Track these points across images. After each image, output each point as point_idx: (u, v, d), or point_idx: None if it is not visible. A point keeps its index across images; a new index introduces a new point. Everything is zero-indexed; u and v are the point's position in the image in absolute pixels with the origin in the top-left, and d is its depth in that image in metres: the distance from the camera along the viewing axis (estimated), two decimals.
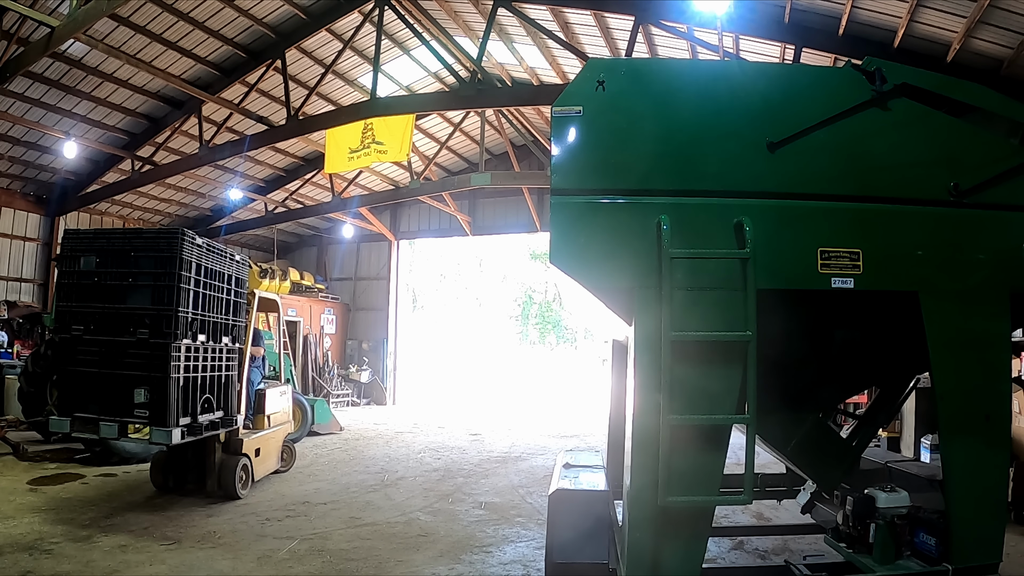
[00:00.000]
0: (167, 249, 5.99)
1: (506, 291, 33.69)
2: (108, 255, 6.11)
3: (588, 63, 3.20)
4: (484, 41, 9.95)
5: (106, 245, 6.16)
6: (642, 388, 2.91)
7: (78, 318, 6.03)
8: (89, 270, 6.11)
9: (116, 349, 5.91)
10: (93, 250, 6.14)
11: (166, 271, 5.95)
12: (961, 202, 3.13)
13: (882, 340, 3.64)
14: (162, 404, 5.79)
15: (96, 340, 5.97)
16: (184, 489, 6.93)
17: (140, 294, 6.02)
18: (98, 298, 6.03)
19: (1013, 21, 7.05)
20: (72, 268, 6.17)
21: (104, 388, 5.91)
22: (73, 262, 6.17)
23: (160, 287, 5.96)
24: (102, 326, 5.98)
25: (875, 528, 3.20)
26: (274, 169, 16.51)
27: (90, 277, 6.09)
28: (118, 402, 5.87)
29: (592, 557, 3.25)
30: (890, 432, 8.72)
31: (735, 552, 5.29)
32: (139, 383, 5.84)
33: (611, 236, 2.98)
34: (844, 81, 3.19)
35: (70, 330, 6.01)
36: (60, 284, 6.23)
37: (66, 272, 6.24)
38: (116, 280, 6.07)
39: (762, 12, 8.82)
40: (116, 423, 5.88)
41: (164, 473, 6.94)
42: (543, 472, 8.72)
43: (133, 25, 10.29)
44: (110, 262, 6.09)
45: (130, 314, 5.95)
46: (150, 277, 6.01)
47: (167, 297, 5.92)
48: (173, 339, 5.84)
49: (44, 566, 4.71)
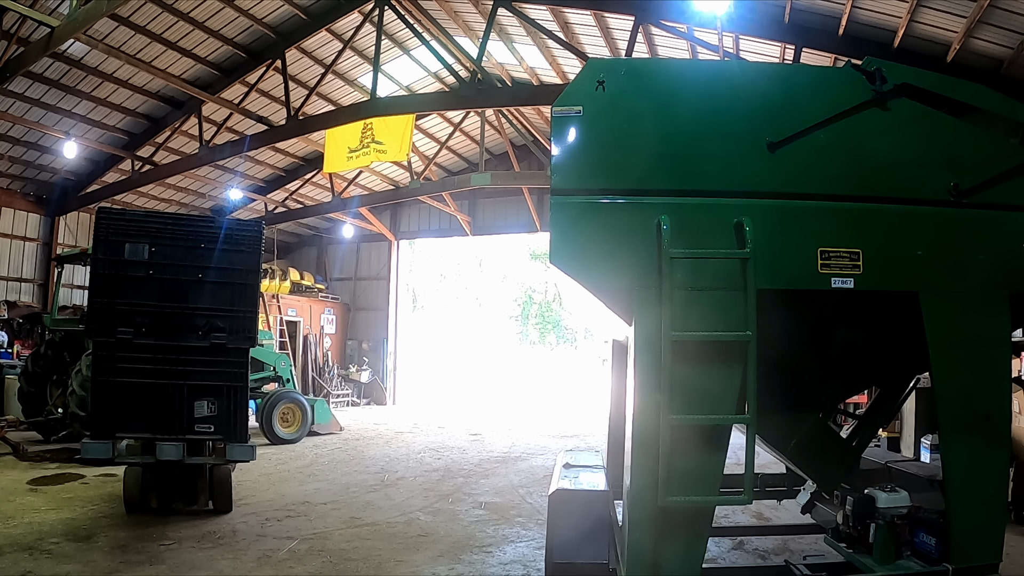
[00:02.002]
0: (249, 241, 5.31)
1: (506, 291, 33.68)
2: (165, 243, 5.19)
3: (588, 63, 3.20)
4: (484, 41, 9.95)
5: (162, 231, 5.19)
6: (642, 388, 2.91)
7: (124, 318, 5.02)
8: (138, 260, 5.12)
9: (176, 355, 5.08)
10: (144, 236, 5.14)
11: (247, 267, 5.28)
12: (961, 202, 3.12)
13: (882, 340, 3.64)
14: (237, 417, 5.18)
15: (149, 345, 5.03)
16: (170, 508, 5.87)
17: (203, 290, 5.24)
18: (153, 294, 5.12)
19: (1013, 21, 7.05)
20: (113, 256, 5.11)
21: (157, 402, 5.04)
22: (113, 248, 5.12)
23: (235, 284, 5.26)
24: (156, 328, 5.06)
25: (875, 528, 3.20)
26: (274, 169, 16.52)
27: (141, 269, 5.11)
28: (174, 417, 5.04)
29: (592, 557, 3.24)
30: (890, 432, 8.72)
31: (735, 552, 5.29)
32: (200, 393, 5.10)
33: (611, 236, 2.98)
34: (844, 81, 3.19)
35: (115, 333, 4.98)
36: (97, 275, 5.09)
37: (104, 261, 5.12)
38: (177, 274, 5.18)
39: (762, 12, 8.82)
40: (179, 443, 5.02)
41: (144, 491, 5.74)
42: (543, 472, 8.72)
43: (133, 25, 10.29)
44: (168, 251, 5.18)
45: (194, 314, 5.14)
46: (219, 272, 5.25)
47: (244, 296, 5.25)
48: (252, 343, 5.26)
49: (44, 566, 4.70)
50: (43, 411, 9.81)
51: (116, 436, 5.01)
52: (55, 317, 10.05)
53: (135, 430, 5.00)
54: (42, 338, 11.85)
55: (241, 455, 5.22)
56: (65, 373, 9.32)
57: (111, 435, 4.99)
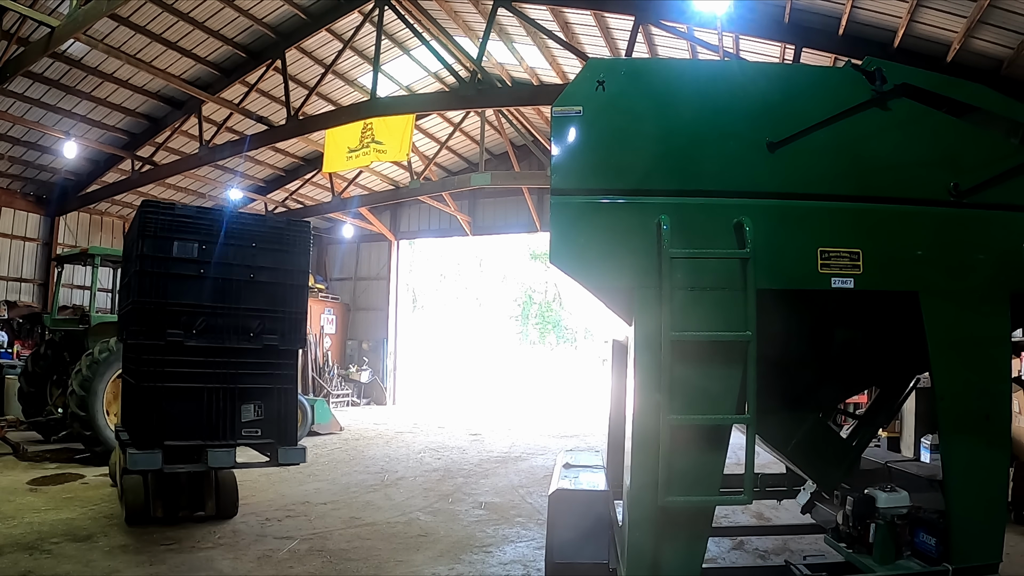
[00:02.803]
0: (299, 241, 5.21)
1: (506, 291, 33.70)
2: (216, 241, 4.94)
3: (588, 63, 3.20)
4: (484, 41, 9.95)
5: (212, 228, 4.94)
6: (642, 388, 2.91)
7: (173, 319, 4.74)
8: (187, 258, 4.86)
9: (226, 358, 4.90)
10: (194, 232, 4.89)
11: (297, 268, 5.19)
12: (961, 202, 3.12)
13: (882, 340, 3.64)
14: (287, 420, 5.08)
15: (200, 348, 4.80)
16: (176, 517, 5.68)
17: (256, 291, 5.07)
18: (204, 295, 4.89)
19: (1013, 21, 7.05)
20: (161, 254, 4.80)
21: (207, 407, 4.83)
22: (161, 245, 4.82)
23: (286, 285, 5.16)
24: (207, 330, 4.85)
25: (875, 528, 3.20)
26: (274, 169, 16.51)
27: (191, 267, 4.86)
28: (224, 422, 4.87)
29: (592, 557, 3.24)
30: (890, 432, 8.71)
31: (735, 552, 5.29)
32: (248, 397, 4.95)
33: (611, 236, 2.98)
34: (844, 81, 3.19)
35: (164, 335, 4.69)
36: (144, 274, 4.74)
37: (151, 259, 4.78)
38: (229, 273, 4.97)
39: (762, 12, 8.82)
40: (228, 448, 4.85)
41: (147, 501, 5.51)
42: (543, 472, 8.72)
43: (133, 25, 10.29)
44: (219, 250, 4.95)
45: (247, 316, 4.98)
46: (271, 272, 5.12)
47: (295, 297, 5.17)
48: (303, 345, 5.20)
49: (44, 566, 4.70)
50: (43, 411, 9.81)
51: (165, 445, 4.70)
52: (55, 317, 10.05)
53: (184, 437, 4.75)
54: (42, 338, 11.86)
55: (293, 458, 5.12)
56: (65, 373, 9.32)
57: (160, 444, 4.66)
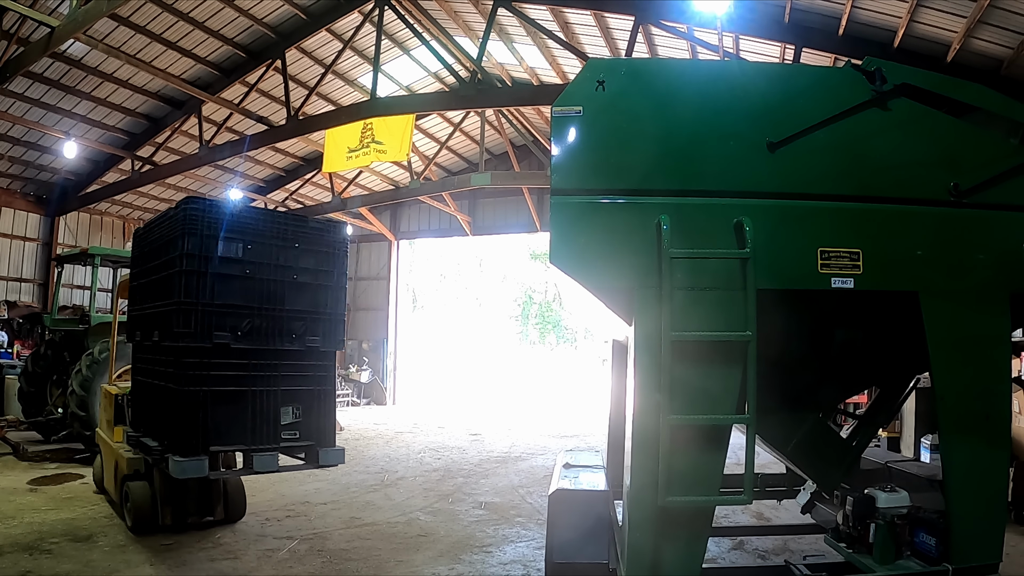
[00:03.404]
0: (338, 243, 5.22)
1: (506, 291, 33.69)
2: (260, 241, 4.81)
3: (588, 63, 3.20)
4: (484, 41, 9.95)
5: (257, 227, 4.81)
6: (642, 388, 2.91)
7: (221, 321, 4.59)
8: (233, 258, 4.72)
9: (269, 360, 4.82)
10: (238, 232, 4.73)
11: (336, 269, 5.19)
12: (961, 202, 3.12)
13: (882, 340, 3.64)
14: (327, 421, 5.09)
15: (245, 350, 4.68)
16: (185, 524, 5.57)
17: (299, 292, 5.01)
18: (250, 296, 4.75)
19: (1013, 21, 7.05)
20: (206, 253, 4.60)
21: (251, 410, 4.73)
22: (206, 244, 4.60)
23: (327, 286, 5.16)
24: (252, 332, 4.73)
25: (875, 528, 3.20)
26: (274, 169, 16.51)
27: (237, 267, 4.71)
28: (267, 426, 4.79)
29: (592, 557, 3.24)
30: (890, 432, 8.71)
31: (735, 552, 5.29)
32: (288, 399, 4.89)
33: (611, 236, 2.98)
34: (844, 81, 3.19)
35: (211, 338, 4.52)
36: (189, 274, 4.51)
37: (197, 258, 4.56)
38: (273, 274, 4.87)
39: (762, 12, 8.82)
40: (272, 452, 4.79)
41: (154, 508, 5.40)
42: (543, 472, 8.72)
43: (133, 25, 10.29)
44: (263, 250, 4.81)
45: (292, 317, 4.91)
46: (312, 273, 5.09)
47: (335, 298, 5.17)
48: (342, 346, 5.18)
49: (44, 566, 4.70)
50: (43, 411, 9.80)
51: (211, 451, 4.57)
52: (55, 317, 10.05)
53: (229, 442, 4.65)
54: (42, 338, 11.86)
55: (334, 459, 5.11)
56: (65, 373, 9.32)
57: (206, 450, 4.51)
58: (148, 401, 5.16)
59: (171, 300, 4.57)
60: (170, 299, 4.59)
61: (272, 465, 4.80)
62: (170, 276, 4.65)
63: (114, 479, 6.00)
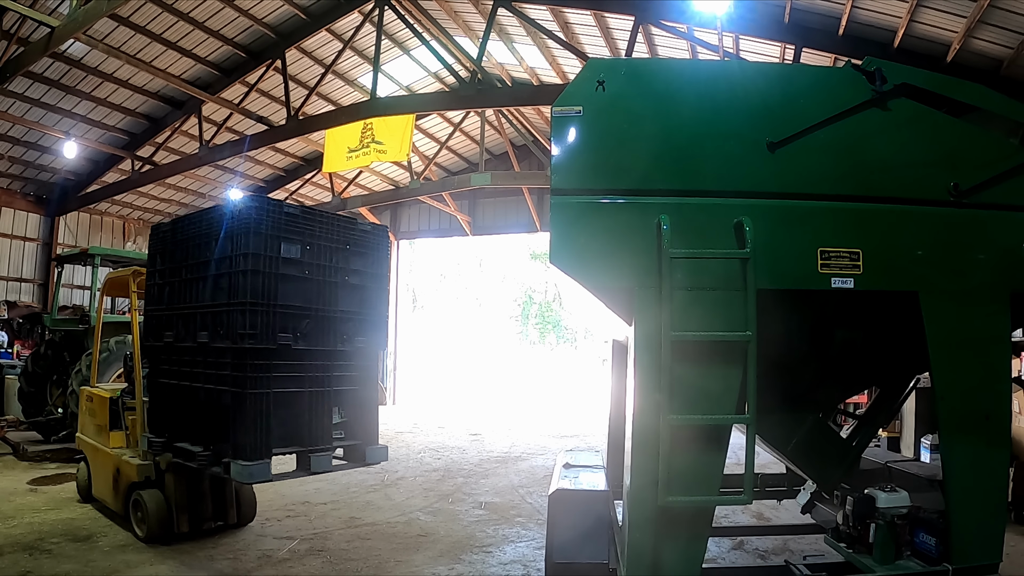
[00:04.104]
0: (382, 245, 5.30)
1: (506, 291, 33.70)
2: (316, 242, 4.85)
3: (588, 63, 3.19)
4: (484, 41, 9.95)
5: (314, 229, 4.82)
6: (642, 388, 2.91)
7: (283, 322, 4.55)
8: (293, 259, 4.70)
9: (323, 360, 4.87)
10: (298, 233, 4.73)
11: (381, 271, 5.28)
12: (961, 202, 3.12)
13: (882, 340, 3.64)
14: (371, 419, 5.16)
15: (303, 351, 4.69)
16: (201, 530, 5.46)
17: (351, 293, 5.08)
18: (310, 297, 4.79)
19: (1013, 21, 7.05)
20: (271, 253, 4.53)
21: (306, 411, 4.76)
22: (271, 245, 4.55)
23: (373, 288, 5.24)
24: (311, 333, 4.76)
25: (875, 528, 3.20)
26: (274, 169, 16.52)
27: (297, 269, 4.71)
28: (318, 426, 4.82)
29: (592, 557, 3.24)
30: (890, 432, 8.71)
31: (735, 552, 5.29)
32: (336, 399, 4.98)
33: (611, 236, 2.98)
34: (844, 81, 3.19)
35: (276, 339, 4.50)
36: (256, 275, 4.46)
37: (264, 258, 4.51)
38: (328, 275, 4.92)
39: (762, 12, 8.82)
40: (326, 452, 4.85)
41: (169, 514, 5.27)
42: (543, 472, 8.72)
43: (133, 25, 10.29)
44: (319, 251, 4.85)
45: (345, 318, 5.00)
46: (360, 275, 5.16)
47: (381, 299, 5.25)
48: (386, 346, 5.26)
49: (44, 566, 4.71)
50: (43, 411, 9.81)
51: (273, 453, 4.56)
52: (55, 317, 10.05)
53: (288, 444, 4.64)
54: (42, 338, 11.86)
55: (380, 456, 5.19)
56: (65, 373, 9.32)
57: (269, 453, 4.51)
58: (182, 405, 5.02)
59: (234, 300, 4.49)
60: (233, 299, 4.50)
61: (327, 465, 4.80)
62: (231, 275, 4.57)
63: (112, 488, 5.78)
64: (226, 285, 4.59)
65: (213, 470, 4.66)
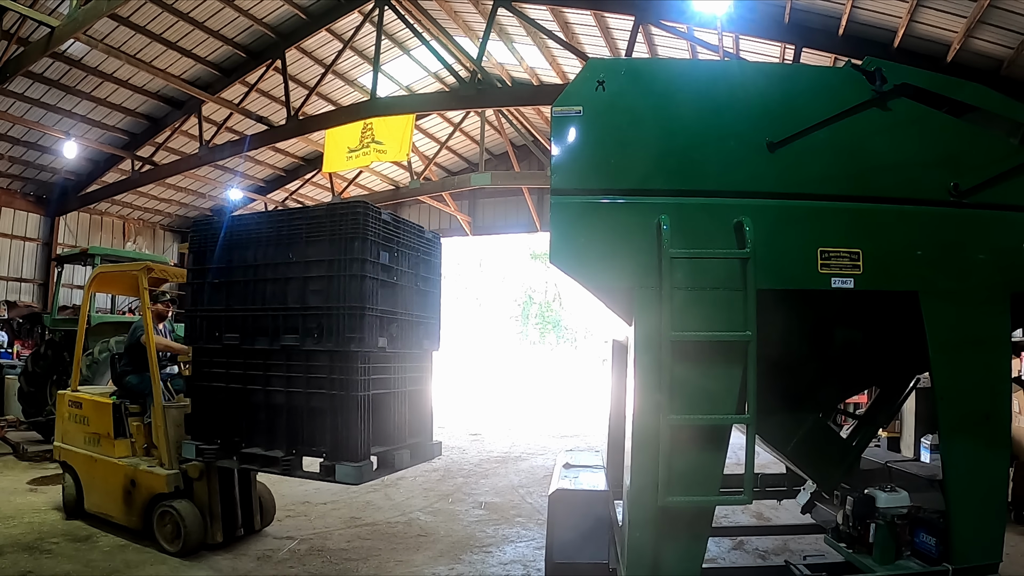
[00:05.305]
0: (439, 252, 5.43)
1: (506, 291, 33.72)
2: (400, 249, 5.00)
3: (588, 63, 3.19)
4: (484, 41, 9.95)
5: (399, 237, 4.95)
6: (642, 388, 2.91)
7: (382, 325, 4.67)
8: (387, 265, 4.83)
9: (401, 363, 4.94)
10: (389, 240, 4.82)
11: (438, 276, 5.38)
12: (961, 202, 3.12)
13: (882, 340, 3.64)
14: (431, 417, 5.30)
15: (391, 354, 4.78)
16: (234, 537, 5.32)
17: (423, 297, 5.22)
18: (398, 302, 4.89)
19: (1013, 21, 7.06)
20: (374, 259, 4.62)
21: (391, 410, 4.88)
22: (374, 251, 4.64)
23: (436, 292, 5.33)
24: (397, 336, 4.84)
25: (875, 528, 3.20)
26: (274, 169, 16.52)
27: (389, 274, 4.81)
28: (399, 425, 4.93)
29: (592, 557, 3.25)
30: (890, 432, 8.71)
31: (735, 552, 5.29)
32: (410, 399, 5.10)
33: (611, 236, 2.98)
34: (844, 81, 3.18)
35: (377, 341, 4.58)
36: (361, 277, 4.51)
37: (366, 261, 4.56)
38: (408, 281, 5.04)
39: (762, 12, 8.83)
40: (405, 450, 4.95)
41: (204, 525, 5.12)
42: (543, 472, 8.72)
43: (133, 25, 10.30)
44: (401, 258, 4.98)
45: (419, 321, 5.12)
46: (425, 280, 5.26)
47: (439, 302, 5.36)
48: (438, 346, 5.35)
49: (44, 566, 4.70)
50: (43, 411, 9.80)
51: (371, 453, 4.61)
52: (55, 317, 10.05)
53: (381, 443, 4.71)
54: (42, 338, 11.86)
55: (436, 451, 5.33)
56: (65, 373, 9.31)
57: (367, 454, 4.55)
58: (248, 409, 4.86)
59: (341, 304, 4.53)
60: (341, 302, 4.53)
61: (408, 462, 4.92)
62: (335, 279, 4.59)
63: (123, 501, 5.40)
64: (325, 288, 4.61)
65: (297, 474, 4.63)
